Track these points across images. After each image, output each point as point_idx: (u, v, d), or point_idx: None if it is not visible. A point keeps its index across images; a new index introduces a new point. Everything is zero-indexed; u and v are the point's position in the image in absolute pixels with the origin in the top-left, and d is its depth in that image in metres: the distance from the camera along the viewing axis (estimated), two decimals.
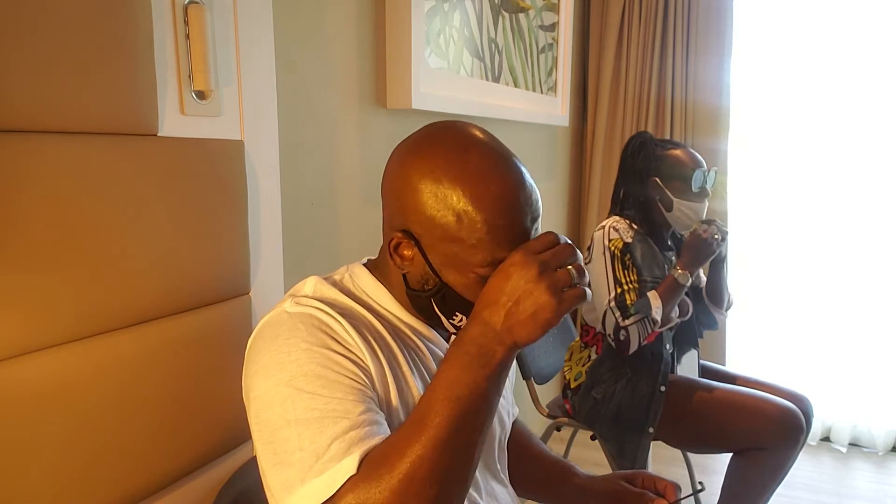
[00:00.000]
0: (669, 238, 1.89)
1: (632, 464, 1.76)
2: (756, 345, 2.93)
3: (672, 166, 1.78)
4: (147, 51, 0.89)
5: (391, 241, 0.75)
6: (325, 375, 0.69)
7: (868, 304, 2.78)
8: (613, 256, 1.73)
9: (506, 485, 0.94)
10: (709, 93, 2.78)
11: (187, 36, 0.97)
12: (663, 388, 1.76)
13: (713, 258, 1.76)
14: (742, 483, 1.76)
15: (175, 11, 0.95)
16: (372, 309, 0.80)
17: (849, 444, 2.79)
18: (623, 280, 1.71)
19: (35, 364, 0.77)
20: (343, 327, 0.73)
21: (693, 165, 1.77)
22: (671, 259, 1.87)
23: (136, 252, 0.88)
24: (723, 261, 1.83)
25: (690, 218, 1.79)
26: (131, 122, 0.88)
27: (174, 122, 0.96)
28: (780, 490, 1.77)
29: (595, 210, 3.00)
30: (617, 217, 1.83)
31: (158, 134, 0.93)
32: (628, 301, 1.69)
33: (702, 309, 1.92)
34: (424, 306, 0.78)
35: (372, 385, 0.72)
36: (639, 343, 1.70)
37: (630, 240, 1.75)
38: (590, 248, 1.81)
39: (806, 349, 2.85)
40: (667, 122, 2.85)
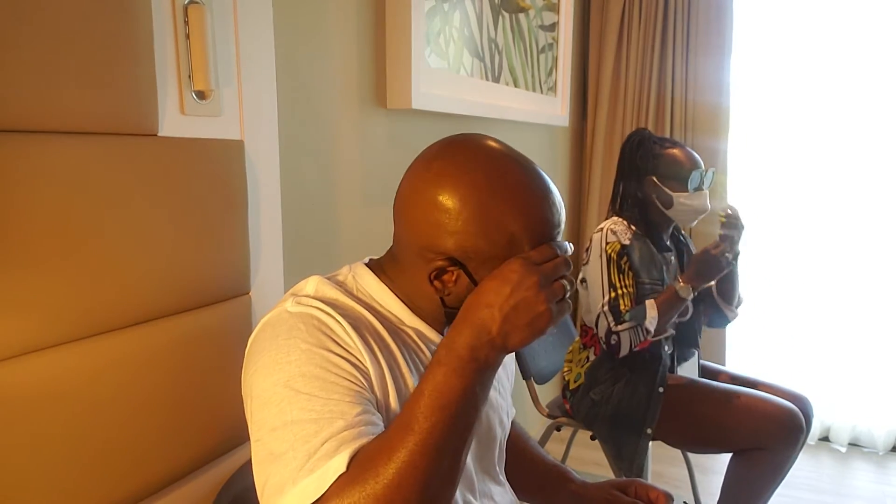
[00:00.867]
0: (669, 238, 1.89)
1: (630, 465, 1.76)
2: (756, 345, 2.93)
3: (669, 166, 1.77)
4: (147, 51, 0.89)
5: (433, 272, 0.74)
6: (323, 377, 0.69)
7: (868, 304, 2.78)
8: (609, 260, 1.72)
9: (503, 484, 0.94)
10: (709, 92, 2.78)
11: (187, 36, 0.97)
12: (661, 390, 1.75)
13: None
14: (742, 483, 1.76)
15: (175, 11, 0.95)
16: (374, 310, 0.80)
17: (848, 444, 2.79)
18: (618, 284, 1.71)
19: (35, 364, 0.77)
20: (343, 328, 0.73)
21: (690, 165, 1.76)
22: (670, 259, 1.86)
23: (136, 252, 0.88)
24: (736, 257, 1.80)
25: (694, 210, 1.77)
26: (131, 122, 0.88)
27: (174, 122, 0.96)
28: (780, 490, 1.78)
29: (595, 210, 3.00)
30: (615, 218, 1.82)
31: (158, 134, 0.93)
32: (621, 306, 1.69)
33: (712, 304, 1.91)
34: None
35: (370, 387, 0.72)
36: (630, 348, 1.71)
37: (628, 242, 1.74)
38: (588, 250, 1.80)
39: (806, 349, 2.85)
40: (667, 122, 2.85)
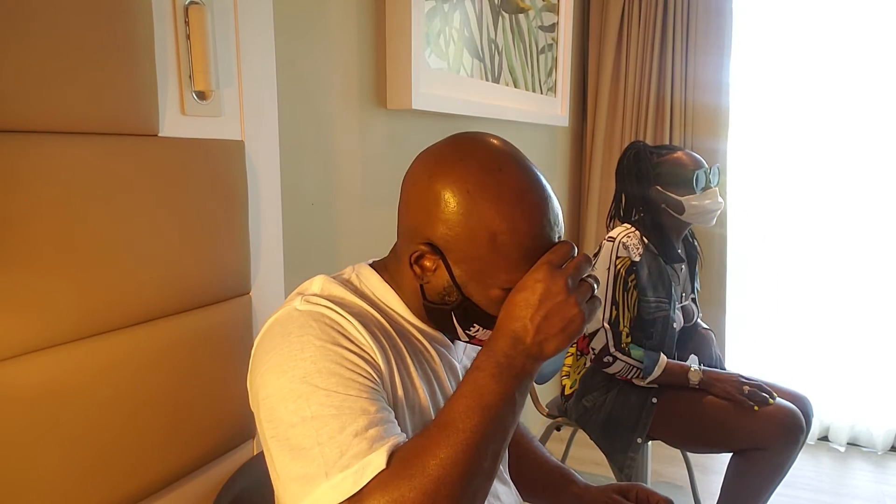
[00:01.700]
0: (681, 245, 1.88)
1: (619, 472, 1.76)
2: (756, 345, 2.93)
3: (671, 172, 1.76)
4: (148, 51, 0.89)
5: (413, 253, 0.75)
6: (340, 373, 0.69)
7: (867, 304, 2.78)
8: (617, 275, 1.72)
9: (508, 484, 0.95)
10: (708, 93, 2.79)
11: (188, 36, 0.97)
12: (654, 400, 1.75)
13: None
14: (742, 483, 1.76)
15: (176, 12, 0.95)
16: (380, 309, 0.80)
17: (847, 444, 2.79)
18: (620, 302, 1.72)
19: (35, 364, 0.78)
20: (354, 326, 0.73)
21: (693, 166, 1.75)
22: (679, 270, 1.86)
23: (137, 252, 0.88)
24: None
25: (707, 210, 1.76)
26: (132, 123, 0.88)
27: (175, 123, 0.96)
28: (780, 490, 1.78)
29: (595, 210, 3.00)
30: (627, 226, 1.81)
31: (159, 134, 0.93)
32: (621, 325, 1.71)
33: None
34: (442, 318, 0.78)
35: (382, 384, 0.73)
36: (615, 374, 1.74)
37: (638, 258, 1.73)
38: (596, 255, 1.80)
39: (805, 349, 2.85)
40: (666, 122, 2.85)
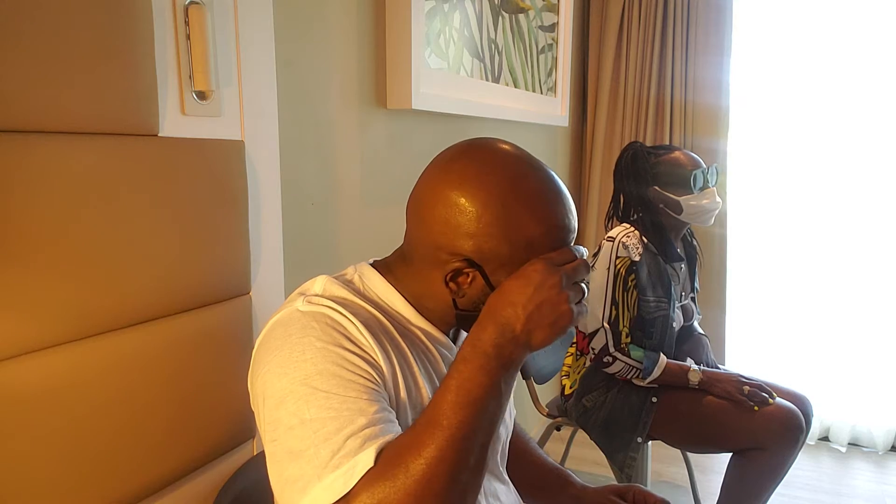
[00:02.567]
0: (680, 243, 1.88)
1: (620, 471, 1.76)
2: (756, 344, 2.94)
3: (669, 172, 1.76)
4: (148, 51, 0.89)
5: (449, 273, 0.75)
6: (341, 374, 0.69)
7: (867, 304, 2.78)
8: (617, 275, 1.72)
9: (508, 483, 0.95)
10: (708, 93, 2.79)
11: (188, 36, 0.97)
12: (654, 399, 1.76)
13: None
14: (741, 483, 1.76)
15: (176, 12, 0.95)
16: (382, 310, 0.80)
17: (848, 444, 2.79)
18: (620, 302, 1.72)
19: (35, 364, 0.78)
20: (356, 327, 0.73)
21: (691, 166, 1.75)
22: (679, 269, 1.86)
23: (137, 252, 0.88)
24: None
25: (705, 210, 1.75)
26: (132, 123, 0.88)
27: (175, 123, 0.96)
28: (780, 490, 1.78)
29: (595, 210, 3.00)
30: (626, 226, 1.81)
31: (159, 134, 0.93)
32: (621, 325, 1.71)
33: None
34: (470, 323, 0.77)
35: (384, 385, 0.72)
36: (615, 374, 1.74)
37: (638, 258, 1.73)
38: (595, 255, 1.80)
39: (805, 349, 2.85)
40: (666, 122, 2.85)
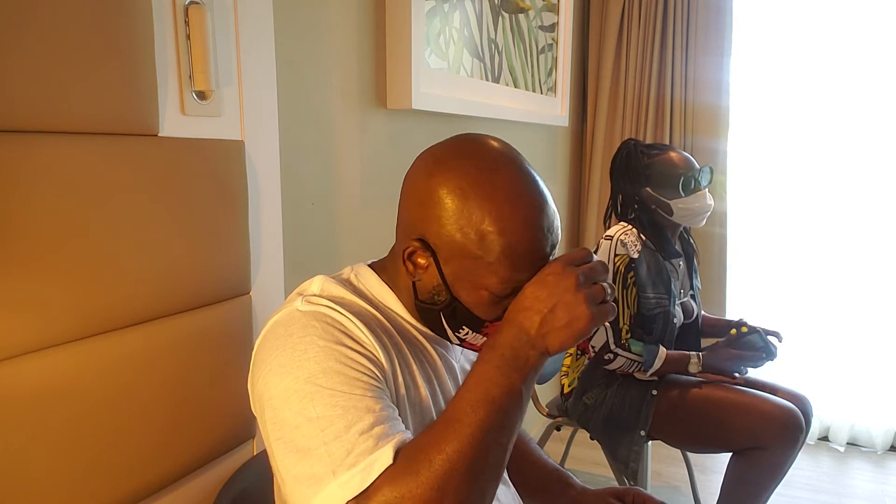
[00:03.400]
0: (678, 240, 1.88)
1: (625, 467, 1.76)
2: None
3: (661, 173, 1.75)
4: (148, 51, 0.89)
5: (406, 249, 0.75)
6: (344, 372, 0.69)
7: (867, 304, 2.79)
8: (616, 273, 1.72)
9: (507, 484, 0.95)
10: (708, 93, 2.79)
11: (188, 36, 0.97)
12: (654, 392, 1.76)
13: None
14: (741, 483, 1.76)
15: (176, 12, 0.95)
16: (378, 308, 0.80)
17: (847, 444, 2.80)
18: (620, 298, 1.72)
19: (35, 364, 0.78)
20: (356, 325, 0.73)
21: (682, 169, 1.74)
22: (678, 266, 1.87)
23: (137, 252, 0.88)
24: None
25: (695, 213, 1.76)
26: (132, 123, 0.88)
27: (175, 123, 0.96)
28: (779, 489, 1.78)
29: (595, 210, 3.00)
30: (624, 224, 1.81)
31: (159, 134, 0.93)
32: (621, 322, 1.71)
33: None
34: (432, 318, 0.79)
35: (386, 381, 0.73)
36: (616, 369, 1.74)
37: (637, 255, 1.73)
38: (594, 253, 1.80)
39: (805, 349, 2.85)
40: (666, 122, 2.85)
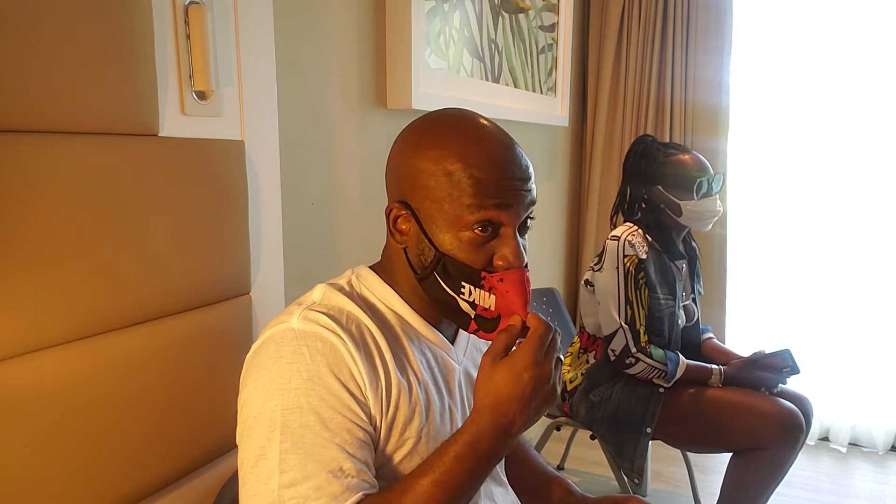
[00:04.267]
0: (682, 243, 1.89)
1: (630, 464, 1.76)
2: (755, 345, 2.92)
3: (674, 174, 1.76)
4: (148, 51, 0.89)
5: (390, 215, 0.79)
6: (321, 411, 0.69)
7: (867, 304, 2.78)
8: (627, 274, 1.72)
9: (506, 486, 0.95)
10: (708, 92, 2.78)
11: (188, 36, 0.97)
12: (662, 390, 1.76)
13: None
14: (741, 483, 1.76)
15: (176, 12, 0.95)
16: (378, 313, 0.80)
17: (848, 444, 2.79)
18: (634, 301, 1.72)
19: (35, 364, 0.78)
20: (349, 351, 0.73)
21: (696, 173, 1.74)
22: (681, 268, 1.87)
23: (137, 252, 0.88)
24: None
25: (703, 216, 1.77)
26: (132, 123, 0.88)
27: (175, 123, 0.96)
28: (780, 490, 1.78)
29: (595, 210, 3.00)
30: (630, 224, 1.81)
31: (159, 134, 0.93)
32: (638, 324, 1.71)
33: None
34: (436, 290, 0.78)
35: (368, 419, 0.73)
36: (637, 374, 1.74)
37: (645, 255, 1.74)
38: (600, 256, 1.80)
39: (805, 349, 2.84)
40: (666, 122, 2.85)
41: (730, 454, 1.80)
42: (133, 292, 0.88)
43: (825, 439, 2.84)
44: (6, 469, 0.75)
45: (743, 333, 2.93)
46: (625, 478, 1.84)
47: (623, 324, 1.71)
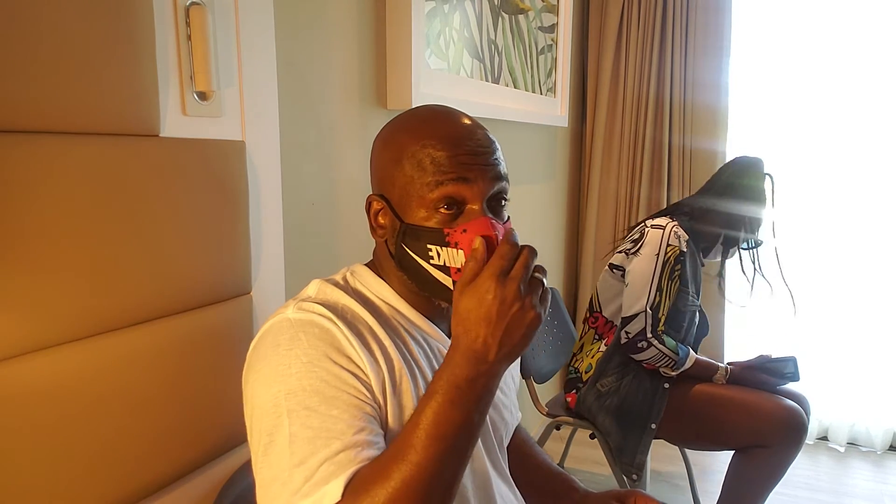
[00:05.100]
0: (701, 252, 1.93)
1: (631, 459, 1.77)
2: (755, 345, 2.93)
3: (748, 196, 1.88)
4: (149, 52, 0.89)
5: (370, 210, 0.82)
6: (324, 391, 0.69)
7: (866, 304, 2.79)
8: (666, 263, 1.75)
9: (512, 485, 0.95)
10: (707, 93, 2.79)
11: (189, 37, 0.97)
12: (667, 385, 1.77)
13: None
14: (743, 481, 1.77)
15: (177, 12, 0.95)
16: (373, 305, 0.81)
17: (847, 444, 2.80)
18: (664, 288, 1.74)
19: (35, 364, 0.78)
20: (344, 334, 0.73)
21: (756, 207, 1.88)
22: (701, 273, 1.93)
23: (137, 252, 0.88)
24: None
25: (758, 237, 1.88)
26: (133, 123, 0.88)
27: (176, 123, 0.96)
28: (778, 489, 1.78)
29: (594, 210, 3.00)
30: (670, 219, 1.84)
31: (160, 134, 0.93)
32: (660, 313, 1.73)
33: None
34: (409, 265, 0.77)
35: (372, 396, 0.73)
36: (645, 360, 1.75)
37: (685, 249, 1.78)
38: (639, 242, 1.82)
39: (804, 349, 2.84)
40: (665, 123, 2.85)
41: (730, 453, 1.80)
42: (133, 292, 0.88)
43: (824, 439, 2.85)
44: (6, 469, 0.76)
45: (742, 334, 2.93)
46: (623, 476, 1.85)
47: (648, 309, 1.73)
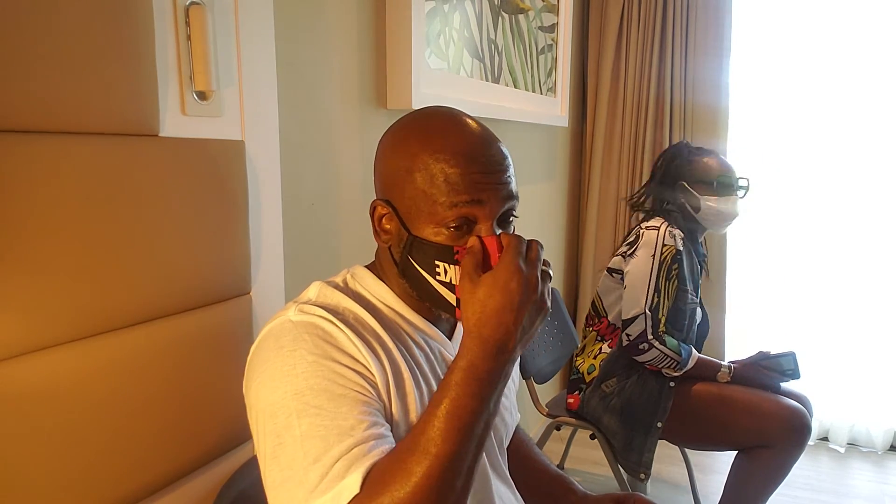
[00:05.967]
0: (702, 245, 1.94)
1: (639, 458, 1.77)
2: (755, 345, 2.92)
3: (699, 170, 1.85)
4: (148, 51, 0.89)
5: (374, 214, 0.80)
6: (331, 389, 0.69)
7: (866, 304, 2.79)
8: (662, 263, 1.75)
9: (511, 486, 0.95)
10: (708, 93, 2.79)
11: (188, 37, 0.97)
12: (672, 384, 1.77)
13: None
14: (745, 481, 1.77)
15: (176, 12, 0.95)
16: (374, 308, 0.81)
17: (847, 444, 2.80)
18: (662, 289, 1.74)
19: (35, 364, 0.78)
20: (347, 336, 0.73)
21: (719, 170, 1.83)
22: (702, 265, 1.93)
23: (137, 252, 0.88)
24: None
25: (721, 214, 1.83)
26: (132, 123, 0.88)
27: (175, 123, 0.96)
28: (779, 489, 1.78)
29: (595, 210, 3.00)
30: (663, 219, 1.85)
31: (159, 134, 0.93)
32: (660, 314, 1.73)
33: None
34: (414, 276, 0.78)
35: (378, 395, 0.73)
36: (647, 361, 1.75)
37: (681, 247, 1.79)
38: (634, 245, 1.83)
39: (804, 349, 2.84)
40: (666, 123, 2.85)
41: (731, 453, 1.80)
42: (133, 292, 0.88)
43: (824, 439, 2.85)
44: (6, 469, 0.76)
45: (742, 333, 2.93)
46: (625, 476, 1.85)
47: (647, 310, 1.73)
